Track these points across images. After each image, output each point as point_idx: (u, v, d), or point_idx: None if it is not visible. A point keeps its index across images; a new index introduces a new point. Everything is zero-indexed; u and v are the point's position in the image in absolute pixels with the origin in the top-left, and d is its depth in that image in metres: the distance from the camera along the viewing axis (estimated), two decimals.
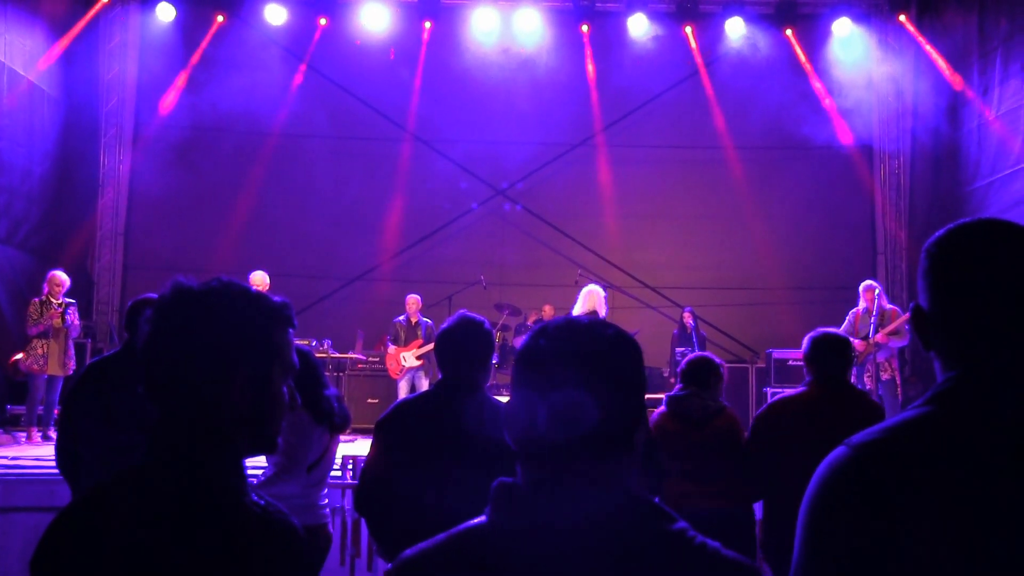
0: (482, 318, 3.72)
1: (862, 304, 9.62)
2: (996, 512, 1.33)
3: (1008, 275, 1.46)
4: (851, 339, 9.38)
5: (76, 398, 4.32)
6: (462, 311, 3.78)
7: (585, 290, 10.52)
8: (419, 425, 3.54)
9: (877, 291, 9.63)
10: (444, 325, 3.73)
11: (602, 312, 10.37)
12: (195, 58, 14.73)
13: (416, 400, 3.76)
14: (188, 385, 1.60)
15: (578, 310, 10.24)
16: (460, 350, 3.63)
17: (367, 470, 3.71)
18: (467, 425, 3.35)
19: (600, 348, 1.41)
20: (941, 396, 1.46)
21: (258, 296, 1.69)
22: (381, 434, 3.67)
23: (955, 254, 1.52)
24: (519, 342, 12.08)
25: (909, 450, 1.40)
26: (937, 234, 1.55)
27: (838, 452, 1.46)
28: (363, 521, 6.54)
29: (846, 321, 9.75)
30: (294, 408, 1.74)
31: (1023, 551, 1.31)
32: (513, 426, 1.41)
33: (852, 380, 9.23)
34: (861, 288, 9.82)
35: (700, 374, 5.09)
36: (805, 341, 4.75)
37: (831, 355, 4.61)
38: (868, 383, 9.37)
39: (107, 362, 4.41)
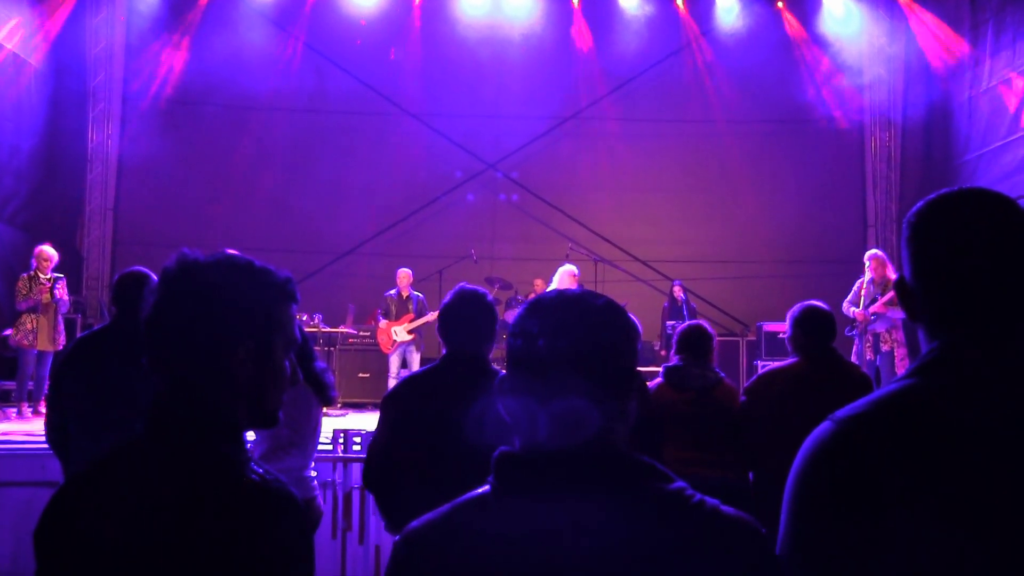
0: (484, 290, 3.71)
1: (868, 274, 9.58)
2: (981, 482, 1.33)
3: (987, 243, 1.46)
4: (852, 308, 9.46)
5: (65, 373, 4.31)
6: (462, 284, 3.76)
7: (560, 269, 10.66)
8: (426, 400, 3.50)
9: (868, 264, 9.60)
10: (445, 299, 3.71)
11: None
12: (183, 32, 14.62)
13: (423, 375, 3.72)
14: (189, 356, 1.62)
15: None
16: (463, 323, 3.61)
17: (374, 445, 3.70)
18: (474, 400, 3.32)
19: (598, 341, 1.42)
20: (925, 367, 1.46)
21: (262, 270, 1.71)
22: (388, 409, 3.66)
23: (934, 224, 1.51)
24: (510, 316, 12.11)
25: (893, 422, 1.40)
26: (917, 205, 1.55)
27: (823, 427, 1.46)
28: (354, 495, 6.61)
29: (852, 291, 9.72)
30: (295, 383, 1.76)
31: (1008, 521, 1.32)
32: (517, 429, 1.44)
33: (853, 350, 9.32)
34: (866, 257, 9.80)
35: (696, 342, 5.05)
36: (789, 314, 4.74)
37: (817, 326, 4.61)
38: (868, 354, 9.36)
39: (96, 336, 4.39)
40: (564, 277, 10.57)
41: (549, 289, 10.46)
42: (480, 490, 1.44)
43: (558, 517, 1.33)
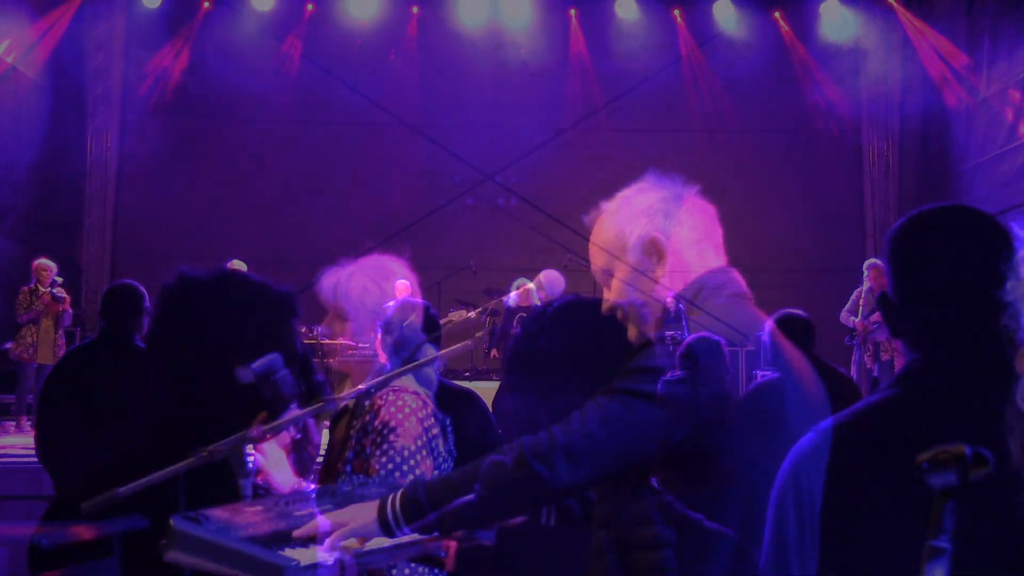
0: (426, 303, 3.70)
1: (866, 284, 9.58)
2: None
3: (964, 259, 1.48)
4: (852, 318, 9.45)
5: (54, 386, 4.32)
6: (404, 297, 3.75)
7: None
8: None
9: (867, 274, 9.60)
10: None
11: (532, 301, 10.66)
12: (182, 44, 14.66)
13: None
14: (193, 372, 1.63)
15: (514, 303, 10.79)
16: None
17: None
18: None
19: (592, 344, 1.45)
20: (904, 378, 1.49)
21: (262, 286, 1.72)
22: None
23: (914, 240, 1.54)
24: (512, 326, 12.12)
25: (873, 432, 1.42)
26: (899, 221, 1.57)
27: (807, 438, 1.49)
28: None
29: (850, 300, 9.71)
30: (300, 394, 1.77)
31: (979, 527, 1.33)
32: (517, 425, 1.45)
33: (853, 360, 9.31)
34: (865, 266, 9.79)
35: (692, 355, 5.03)
36: (768, 322, 4.73)
37: (799, 334, 4.62)
38: (869, 363, 9.36)
39: (84, 349, 4.41)
40: (522, 291, 10.81)
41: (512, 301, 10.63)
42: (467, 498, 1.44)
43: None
